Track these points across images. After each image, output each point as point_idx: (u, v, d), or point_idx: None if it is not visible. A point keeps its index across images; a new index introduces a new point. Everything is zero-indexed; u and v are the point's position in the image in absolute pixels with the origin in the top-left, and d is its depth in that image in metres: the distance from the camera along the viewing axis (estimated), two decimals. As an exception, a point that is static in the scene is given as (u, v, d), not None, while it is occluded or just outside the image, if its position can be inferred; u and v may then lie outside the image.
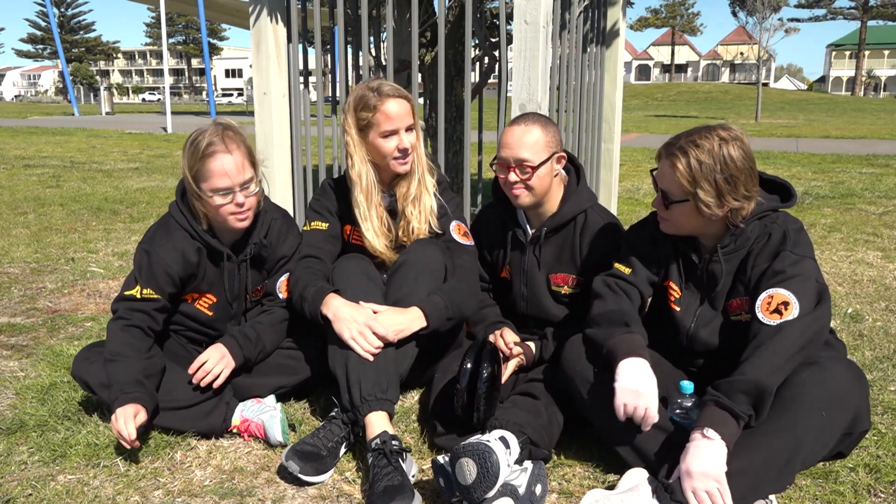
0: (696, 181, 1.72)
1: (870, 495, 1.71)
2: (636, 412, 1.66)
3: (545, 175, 2.10)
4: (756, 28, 21.98)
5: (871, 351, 2.67)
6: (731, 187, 1.73)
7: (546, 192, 2.14)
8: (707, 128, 1.78)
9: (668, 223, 1.88)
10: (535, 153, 2.07)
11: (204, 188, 1.95)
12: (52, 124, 19.41)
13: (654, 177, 1.87)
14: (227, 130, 1.97)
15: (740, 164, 1.72)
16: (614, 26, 4.27)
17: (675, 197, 1.78)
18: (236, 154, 1.95)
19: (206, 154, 1.91)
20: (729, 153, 1.71)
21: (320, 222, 2.26)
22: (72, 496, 1.73)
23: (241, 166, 1.96)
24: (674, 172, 1.75)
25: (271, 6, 3.10)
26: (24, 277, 3.73)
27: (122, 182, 7.57)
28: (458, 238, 2.23)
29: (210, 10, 16.36)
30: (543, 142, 2.08)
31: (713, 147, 1.72)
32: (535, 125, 2.09)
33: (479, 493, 1.57)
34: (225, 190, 1.95)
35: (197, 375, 1.99)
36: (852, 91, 56.22)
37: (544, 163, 2.08)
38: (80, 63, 67.71)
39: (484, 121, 4.64)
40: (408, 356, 2.01)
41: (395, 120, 2.08)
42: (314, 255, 2.19)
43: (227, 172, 1.93)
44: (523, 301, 2.28)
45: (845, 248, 4.43)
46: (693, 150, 1.72)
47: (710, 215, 1.77)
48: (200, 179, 1.94)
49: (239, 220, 2.01)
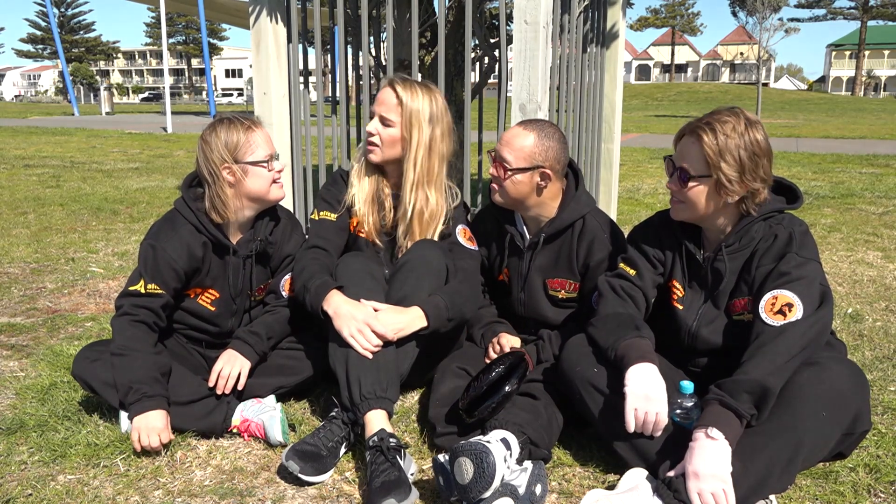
0: (722, 154, 1.74)
1: (870, 495, 1.71)
2: (647, 417, 1.65)
3: (521, 183, 2.09)
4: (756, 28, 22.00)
5: (871, 351, 2.67)
6: (752, 166, 1.75)
7: (522, 198, 2.13)
8: (732, 108, 1.81)
9: (681, 206, 1.87)
10: (516, 158, 2.07)
11: (253, 159, 2.04)
12: (52, 124, 19.41)
13: (669, 161, 1.87)
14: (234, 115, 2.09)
15: (763, 146, 1.76)
16: (614, 26, 4.27)
17: (697, 172, 1.79)
18: (263, 128, 2.11)
19: (247, 128, 2.04)
20: (754, 134, 1.75)
21: (329, 212, 2.27)
22: (72, 496, 1.73)
23: (270, 137, 2.12)
24: (699, 146, 1.77)
25: (271, 6, 3.10)
26: (24, 277, 3.73)
27: (122, 182, 7.57)
28: (463, 242, 2.24)
29: (210, 10, 16.35)
30: (529, 150, 2.07)
31: (739, 126, 1.75)
32: (532, 132, 2.09)
33: (475, 493, 1.57)
34: (270, 157, 2.07)
35: (219, 385, 2.02)
36: (852, 91, 56.21)
37: (521, 171, 2.07)
38: (80, 63, 67.71)
39: (484, 121, 4.64)
40: (408, 356, 2.01)
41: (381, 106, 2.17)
42: (321, 247, 2.19)
43: (267, 140, 2.09)
44: (521, 305, 2.29)
45: (845, 248, 4.43)
46: (721, 126, 1.75)
47: (730, 194, 1.77)
48: (247, 153, 2.04)
49: (280, 187, 2.13)
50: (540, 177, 2.10)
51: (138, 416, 1.88)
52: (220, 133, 2.02)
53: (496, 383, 1.84)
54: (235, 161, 2.02)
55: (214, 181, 2.02)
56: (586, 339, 1.92)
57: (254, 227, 2.15)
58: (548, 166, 2.09)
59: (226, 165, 2.01)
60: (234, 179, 2.03)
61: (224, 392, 2.02)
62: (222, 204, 2.04)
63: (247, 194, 2.06)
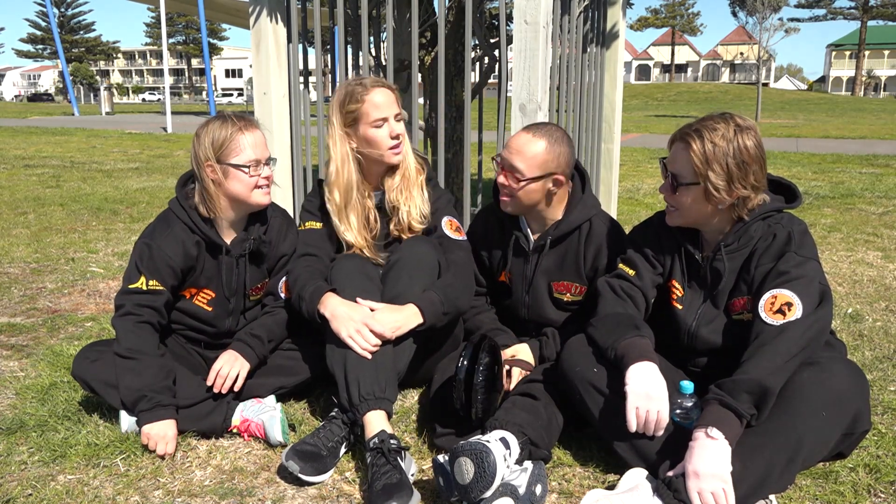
0: (709, 163, 1.74)
1: (870, 495, 1.71)
2: (648, 416, 1.65)
3: (534, 191, 2.07)
4: (756, 28, 21.97)
5: (871, 351, 2.67)
6: (741, 174, 1.74)
7: (533, 205, 2.11)
8: (724, 114, 1.79)
9: (675, 213, 1.87)
10: (529, 167, 2.03)
11: (235, 162, 2.01)
12: (52, 124, 19.40)
13: (663, 164, 1.87)
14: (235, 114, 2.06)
15: (753, 153, 1.75)
16: (614, 26, 4.26)
17: (686, 180, 1.79)
18: (258, 131, 2.06)
19: (237, 129, 2.01)
20: (743, 141, 1.74)
21: (314, 222, 2.27)
22: (72, 496, 1.73)
23: (264, 142, 2.08)
24: (688, 153, 1.76)
25: (271, 6, 3.10)
26: (24, 277, 3.73)
27: (122, 182, 7.57)
28: (451, 233, 2.23)
29: (210, 10, 16.35)
30: (542, 159, 2.03)
31: (728, 133, 1.74)
32: (542, 139, 2.04)
33: (475, 493, 1.57)
34: (256, 162, 2.03)
35: (217, 384, 2.01)
36: (852, 91, 56.21)
37: (536, 179, 2.04)
38: (80, 63, 67.71)
39: (484, 121, 4.64)
40: (405, 353, 2.01)
41: (383, 108, 2.12)
42: (312, 254, 2.19)
43: (258, 144, 2.04)
44: (524, 308, 2.27)
45: (845, 248, 4.43)
46: (708, 133, 1.74)
47: (718, 202, 1.77)
48: (231, 154, 2.00)
49: (265, 193, 2.09)
50: (553, 183, 2.07)
51: (150, 423, 1.89)
52: (211, 130, 2.01)
53: (470, 371, 1.81)
54: (218, 161, 2.01)
55: (200, 177, 2.04)
56: (586, 340, 1.92)
57: (247, 226, 2.15)
58: (560, 172, 2.06)
59: (209, 163, 2.01)
60: (216, 178, 2.02)
61: (221, 392, 2.02)
62: (210, 199, 2.04)
63: (227, 195, 2.05)
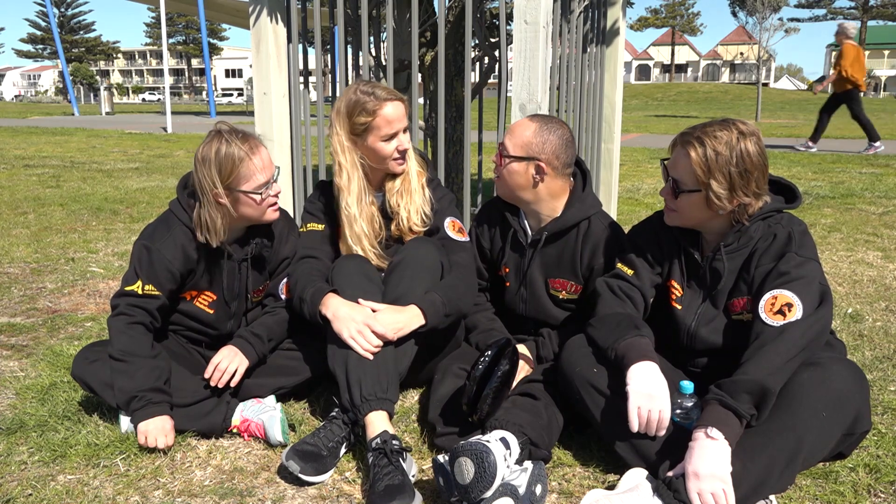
0: (711, 171, 1.73)
1: (870, 495, 1.71)
2: (650, 416, 1.65)
3: (516, 172, 2.09)
4: (756, 28, 21.94)
5: (871, 351, 2.67)
6: (743, 182, 1.73)
7: (518, 191, 2.12)
8: (725, 120, 1.77)
9: (674, 214, 1.87)
10: (514, 146, 2.08)
11: (246, 189, 1.97)
12: (52, 124, 19.40)
13: (664, 166, 1.87)
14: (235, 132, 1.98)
15: (755, 160, 1.73)
16: (614, 26, 4.26)
17: (687, 186, 1.79)
18: (264, 150, 2.03)
19: (245, 154, 1.95)
20: (746, 148, 1.72)
21: (316, 224, 2.27)
22: (72, 496, 1.73)
23: (269, 157, 2.05)
24: (689, 161, 1.76)
25: (271, 6, 3.10)
26: (24, 277, 3.73)
27: (122, 182, 7.57)
28: (453, 234, 2.23)
29: (210, 10, 16.37)
30: (526, 140, 2.07)
31: (731, 140, 1.72)
32: (535, 123, 2.09)
33: (476, 493, 1.57)
34: (268, 181, 2.01)
35: (214, 377, 2.01)
36: (852, 91, 56.09)
37: (516, 159, 2.08)
38: (80, 63, 67.70)
39: (484, 121, 4.64)
40: (407, 354, 2.01)
41: (395, 123, 2.10)
42: (313, 256, 2.19)
43: (266, 165, 2.01)
44: (522, 303, 2.27)
45: (845, 248, 4.43)
46: (710, 141, 1.73)
47: (719, 208, 1.77)
48: (241, 182, 1.96)
49: (275, 210, 2.08)
50: (535, 170, 2.08)
51: (144, 420, 1.90)
52: (216, 156, 1.93)
53: (486, 373, 1.82)
54: (228, 188, 1.96)
55: (204, 202, 1.98)
56: (586, 340, 1.92)
57: (248, 231, 2.13)
58: (544, 160, 2.06)
59: (216, 192, 1.95)
60: (225, 202, 1.98)
61: (217, 385, 2.01)
62: (210, 225, 1.99)
63: (237, 217, 2.03)
